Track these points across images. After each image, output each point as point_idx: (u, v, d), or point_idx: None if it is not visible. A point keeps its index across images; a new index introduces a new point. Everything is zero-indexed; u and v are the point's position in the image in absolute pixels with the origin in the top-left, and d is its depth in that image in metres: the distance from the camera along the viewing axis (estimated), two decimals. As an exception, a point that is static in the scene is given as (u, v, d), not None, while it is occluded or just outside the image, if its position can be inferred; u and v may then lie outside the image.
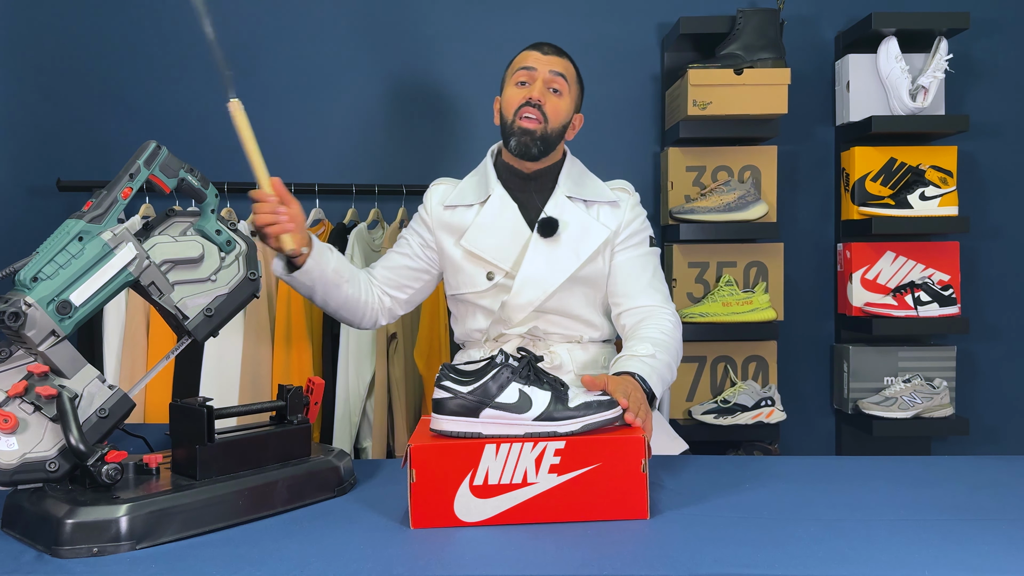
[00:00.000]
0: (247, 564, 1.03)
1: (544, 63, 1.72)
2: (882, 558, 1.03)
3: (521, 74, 1.73)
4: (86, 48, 2.66)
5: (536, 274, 1.70)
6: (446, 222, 1.78)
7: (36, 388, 1.13)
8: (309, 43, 2.70)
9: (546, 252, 1.71)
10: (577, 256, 1.71)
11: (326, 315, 2.45)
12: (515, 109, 1.71)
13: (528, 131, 1.70)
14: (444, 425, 1.20)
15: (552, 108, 1.71)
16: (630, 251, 1.77)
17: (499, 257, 1.72)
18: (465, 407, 1.19)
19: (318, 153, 2.69)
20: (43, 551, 1.07)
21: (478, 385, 1.20)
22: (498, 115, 1.78)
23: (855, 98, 2.61)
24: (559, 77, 1.72)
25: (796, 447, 2.78)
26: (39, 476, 1.12)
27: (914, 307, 2.52)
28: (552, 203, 1.75)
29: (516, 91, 1.73)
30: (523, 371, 1.22)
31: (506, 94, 1.75)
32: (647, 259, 1.78)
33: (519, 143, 1.71)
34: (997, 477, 1.40)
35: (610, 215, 1.77)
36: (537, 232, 1.71)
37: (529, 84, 1.72)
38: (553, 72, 1.72)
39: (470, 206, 1.77)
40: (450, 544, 1.10)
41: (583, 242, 1.72)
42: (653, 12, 2.73)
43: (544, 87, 1.71)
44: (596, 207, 1.77)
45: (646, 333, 1.65)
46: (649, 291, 1.74)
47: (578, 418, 1.20)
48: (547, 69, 1.72)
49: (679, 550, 1.07)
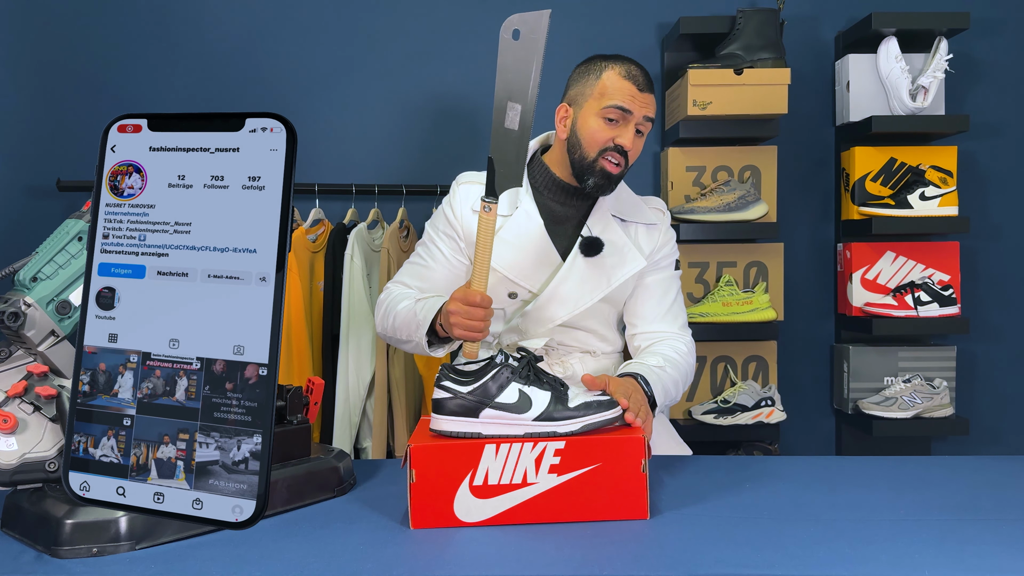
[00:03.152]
0: (247, 564, 1.03)
1: (639, 106, 1.60)
2: (882, 558, 1.03)
3: (614, 113, 1.59)
4: (86, 48, 2.66)
5: (566, 293, 1.65)
6: (473, 229, 1.64)
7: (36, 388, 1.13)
8: (310, 42, 2.70)
9: (581, 272, 1.65)
10: (610, 281, 1.66)
11: (326, 315, 2.45)
12: (600, 149, 1.60)
13: (611, 176, 1.61)
14: (444, 425, 1.20)
15: (635, 152, 1.63)
16: (656, 274, 1.73)
17: (523, 276, 1.65)
18: (465, 407, 1.19)
19: (318, 153, 2.69)
20: (43, 551, 1.07)
21: (478, 385, 1.20)
22: (565, 129, 1.65)
23: (855, 98, 2.61)
24: (649, 122, 1.63)
25: (796, 447, 2.78)
26: (39, 476, 1.12)
27: (914, 307, 2.52)
28: (595, 218, 1.68)
29: (603, 127, 1.60)
30: (523, 371, 1.22)
31: (589, 123, 1.61)
32: (671, 283, 1.74)
33: (597, 185, 1.62)
34: (997, 477, 1.40)
35: (646, 237, 1.72)
36: (579, 249, 1.64)
37: (620, 125, 1.60)
38: (647, 118, 1.62)
39: (500, 217, 1.65)
40: (450, 544, 1.10)
41: (619, 268, 1.67)
42: (653, 12, 2.73)
43: (633, 132, 1.61)
44: (635, 227, 1.71)
45: (659, 349, 1.64)
46: (668, 318, 1.71)
47: (578, 418, 1.20)
48: (642, 115, 1.61)
49: (679, 550, 1.07)
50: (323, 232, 2.49)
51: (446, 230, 1.70)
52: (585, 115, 1.62)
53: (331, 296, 2.44)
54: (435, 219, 1.73)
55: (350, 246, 2.39)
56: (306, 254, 2.42)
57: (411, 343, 1.59)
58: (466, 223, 1.67)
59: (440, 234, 1.70)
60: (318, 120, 2.70)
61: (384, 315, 1.66)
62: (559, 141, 1.68)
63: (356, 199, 2.59)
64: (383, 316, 1.66)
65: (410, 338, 1.58)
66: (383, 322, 1.66)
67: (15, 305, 1.12)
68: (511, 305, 1.68)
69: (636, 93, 1.59)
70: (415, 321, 1.55)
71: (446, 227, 1.70)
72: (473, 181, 1.71)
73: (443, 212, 1.71)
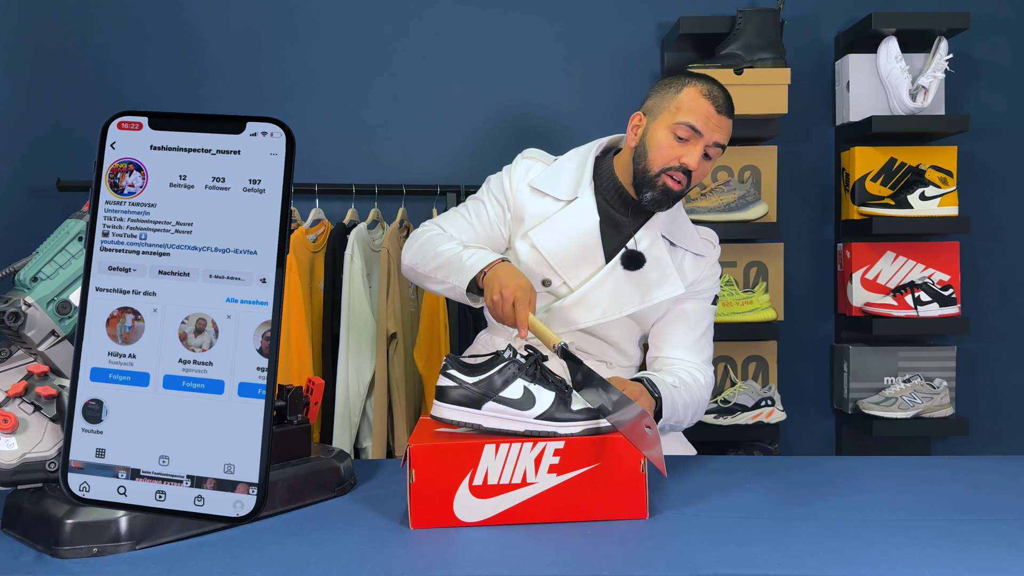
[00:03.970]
0: (247, 564, 1.03)
1: (713, 130, 1.56)
2: (882, 558, 1.03)
3: (684, 130, 1.55)
4: (86, 48, 2.66)
5: (597, 299, 1.62)
6: (526, 205, 1.64)
7: (36, 388, 1.13)
8: (310, 43, 2.70)
9: (617, 282, 1.62)
10: (643, 299, 1.63)
11: (326, 315, 2.45)
12: (664, 165, 1.57)
13: (671, 192, 1.58)
14: (445, 413, 1.20)
15: (700, 174, 1.59)
16: (693, 302, 1.69)
17: (563, 267, 1.63)
18: (468, 397, 1.19)
19: (318, 153, 2.69)
20: (43, 551, 1.07)
21: (483, 377, 1.20)
22: (636, 137, 1.63)
23: (855, 98, 2.61)
24: (719, 148, 1.58)
25: (796, 447, 2.78)
26: (39, 476, 1.12)
27: (914, 307, 2.52)
28: (645, 233, 1.65)
29: (672, 144, 1.56)
30: (530, 368, 1.22)
31: (659, 137, 1.58)
32: (704, 315, 1.71)
33: (654, 200, 1.59)
34: (997, 477, 1.40)
35: (692, 266, 1.69)
36: (620, 260, 1.62)
37: (689, 144, 1.56)
38: (717, 144, 1.57)
39: (556, 200, 1.64)
40: (450, 544, 1.10)
41: (657, 288, 1.63)
42: (653, 12, 2.73)
43: (701, 153, 1.57)
44: (682, 253, 1.68)
45: (676, 371, 1.62)
46: (694, 349, 1.67)
47: (579, 421, 1.20)
48: (713, 140, 1.56)
49: (679, 550, 1.07)
50: (323, 232, 2.49)
51: (499, 197, 1.68)
52: (657, 127, 1.59)
53: (331, 296, 2.44)
54: (491, 182, 1.71)
55: (350, 246, 2.39)
56: (306, 254, 2.42)
57: (445, 285, 1.56)
58: (519, 197, 1.65)
59: (492, 198, 1.69)
60: (318, 120, 2.70)
61: (419, 250, 1.61)
62: (628, 148, 1.65)
63: (356, 199, 2.59)
64: (417, 250, 1.62)
65: (446, 279, 1.55)
66: (415, 256, 1.62)
67: (15, 305, 1.12)
68: (542, 294, 1.65)
69: (712, 114, 1.55)
70: (462, 266, 1.52)
71: (500, 194, 1.68)
72: (537, 159, 1.69)
73: (501, 179, 1.69)
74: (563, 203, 1.64)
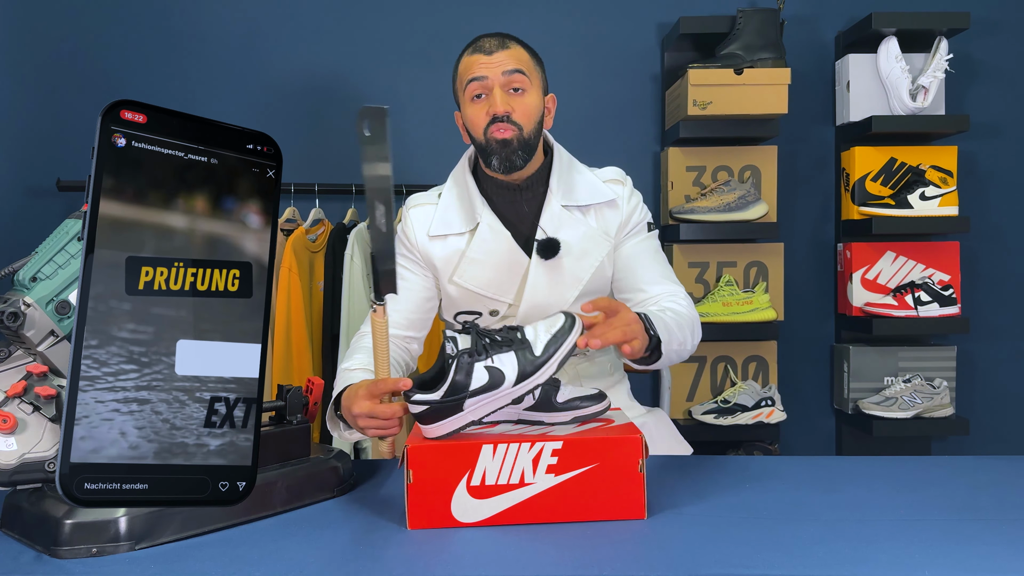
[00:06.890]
0: (246, 564, 1.03)
1: (494, 66, 1.53)
2: (882, 558, 1.03)
3: (473, 87, 1.54)
4: (86, 48, 2.66)
5: (541, 300, 1.59)
6: (435, 255, 1.62)
7: (35, 388, 1.13)
8: (308, 42, 2.70)
9: (547, 275, 1.59)
10: (580, 277, 1.60)
11: (326, 315, 2.45)
12: (483, 129, 1.54)
13: (505, 142, 1.53)
14: (435, 432, 1.20)
15: (522, 111, 1.54)
16: (631, 241, 1.65)
17: (499, 292, 1.60)
18: (444, 410, 1.18)
19: (318, 153, 2.69)
20: (42, 551, 1.07)
21: (447, 385, 1.18)
22: (465, 133, 1.62)
23: (855, 98, 2.61)
24: (516, 74, 1.53)
25: (796, 447, 2.78)
26: (38, 476, 1.12)
27: (914, 307, 2.52)
28: (547, 216, 1.60)
29: (475, 108, 1.55)
30: (477, 348, 1.19)
31: (466, 113, 1.57)
32: (647, 246, 1.66)
33: (501, 160, 1.55)
34: (997, 477, 1.40)
35: (610, 216, 1.64)
36: (536, 254, 1.58)
37: (486, 96, 1.54)
38: (507, 72, 1.53)
39: (461, 234, 1.62)
40: (448, 545, 1.10)
41: (585, 259, 1.60)
42: (653, 12, 2.73)
43: (504, 93, 1.53)
44: (593, 211, 1.63)
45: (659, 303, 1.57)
46: (657, 281, 1.62)
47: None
48: (499, 72, 1.53)
49: (679, 550, 1.07)
50: (323, 232, 2.49)
51: (410, 257, 1.66)
52: (463, 108, 1.59)
53: (331, 296, 2.44)
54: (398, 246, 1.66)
55: (350, 246, 2.39)
56: (306, 254, 2.42)
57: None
58: (425, 250, 1.63)
59: (405, 261, 1.66)
60: (318, 120, 2.70)
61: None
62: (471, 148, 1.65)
63: (356, 199, 2.59)
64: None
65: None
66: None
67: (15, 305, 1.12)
68: (495, 321, 1.63)
69: (484, 59, 1.54)
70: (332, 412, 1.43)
71: (409, 255, 1.66)
72: (422, 203, 1.67)
73: (402, 241, 1.66)
74: (468, 233, 1.61)
